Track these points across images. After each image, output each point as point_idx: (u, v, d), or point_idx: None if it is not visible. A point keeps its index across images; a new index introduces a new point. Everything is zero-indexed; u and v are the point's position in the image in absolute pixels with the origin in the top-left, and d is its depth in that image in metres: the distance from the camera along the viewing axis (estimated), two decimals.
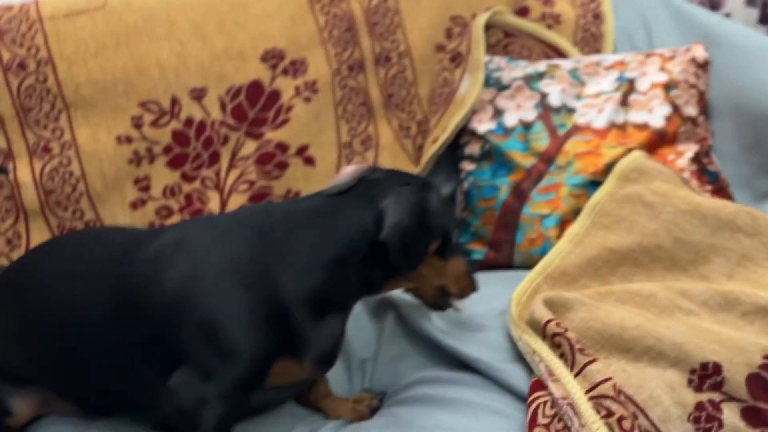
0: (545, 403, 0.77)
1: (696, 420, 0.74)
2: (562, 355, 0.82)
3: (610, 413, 0.73)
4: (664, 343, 0.80)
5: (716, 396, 0.75)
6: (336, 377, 0.94)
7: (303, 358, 0.77)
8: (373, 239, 0.75)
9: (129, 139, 1.10)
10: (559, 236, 1.06)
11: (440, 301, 0.87)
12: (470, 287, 0.87)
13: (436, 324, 0.93)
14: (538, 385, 0.79)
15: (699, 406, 0.75)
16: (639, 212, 1.02)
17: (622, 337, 0.82)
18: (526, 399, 0.78)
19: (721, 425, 0.74)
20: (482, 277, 1.05)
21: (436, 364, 0.90)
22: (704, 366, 0.77)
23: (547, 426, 0.74)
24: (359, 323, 0.97)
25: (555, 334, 0.83)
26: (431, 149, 1.22)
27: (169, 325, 0.73)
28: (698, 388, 0.76)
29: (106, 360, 0.78)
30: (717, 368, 0.77)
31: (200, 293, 0.73)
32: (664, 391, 0.75)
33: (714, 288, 0.90)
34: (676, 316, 0.87)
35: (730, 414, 0.74)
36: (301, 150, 1.21)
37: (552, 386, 0.77)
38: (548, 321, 0.84)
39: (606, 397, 0.75)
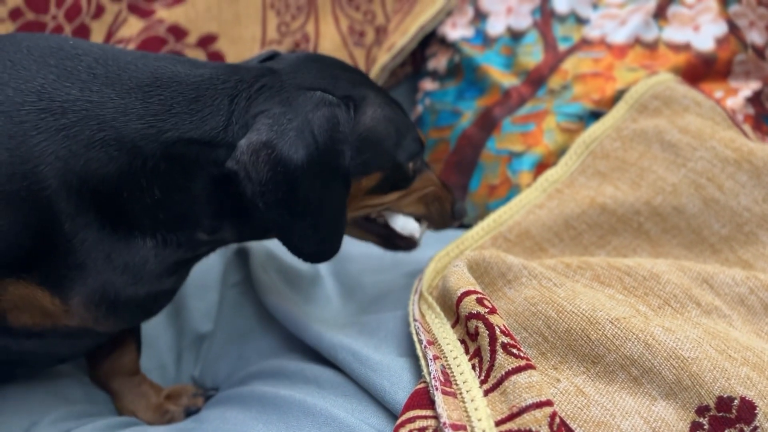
0: (423, 431, 0.43)
1: None
2: (476, 354, 0.48)
3: None
4: (657, 354, 0.46)
5: None
6: (158, 354, 0.63)
7: (64, 292, 0.45)
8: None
9: None
10: None
11: (388, 241, 0.60)
12: (451, 215, 0.61)
13: (309, 288, 0.61)
14: (421, 399, 0.45)
15: None
16: (655, 156, 0.66)
17: (587, 336, 0.48)
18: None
19: None
20: None
21: (291, 351, 0.58)
22: (724, 402, 0.46)
23: None
24: (201, 280, 0.65)
25: (471, 316, 0.48)
26: (383, 58, 0.89)
27: None
28: None
29: None
30: (747, 409, 0.46)
31: None
32: None
33: (759, 278, 0.55)
34: (688, 314, 0.52)
35: None
36: (206, 41, 0.89)
37: (442, 402, 0.43)
38: (466, 293, 0.50)
39: None
